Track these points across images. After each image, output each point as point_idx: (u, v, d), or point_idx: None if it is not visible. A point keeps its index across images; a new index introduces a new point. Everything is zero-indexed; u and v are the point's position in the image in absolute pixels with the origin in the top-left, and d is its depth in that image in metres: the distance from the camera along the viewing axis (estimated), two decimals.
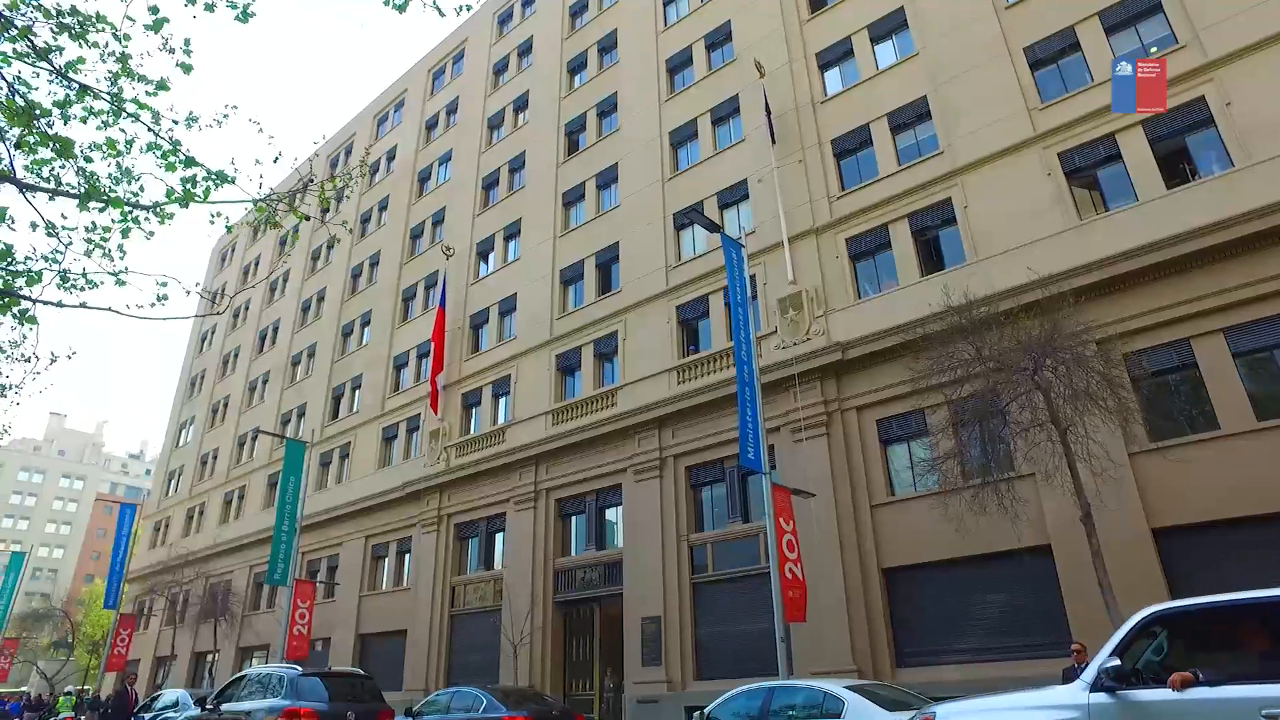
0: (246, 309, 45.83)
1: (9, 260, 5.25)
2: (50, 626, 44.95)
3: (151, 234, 6.14)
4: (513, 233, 28.65)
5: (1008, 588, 14.51)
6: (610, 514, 21.52)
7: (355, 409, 32.83)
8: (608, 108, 27.30)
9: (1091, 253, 14.67)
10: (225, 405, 43.48)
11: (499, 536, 24.13)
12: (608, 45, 28.73)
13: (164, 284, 6.42)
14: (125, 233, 5.68)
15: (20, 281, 5.35)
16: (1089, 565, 12.94)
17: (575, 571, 21.41)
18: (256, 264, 47.21)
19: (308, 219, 6.33)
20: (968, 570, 15.01)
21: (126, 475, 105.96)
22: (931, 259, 17.94)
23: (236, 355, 44.64)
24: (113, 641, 29.34)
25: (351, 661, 26.10)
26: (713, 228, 14.86)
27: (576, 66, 29.63)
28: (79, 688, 31.22)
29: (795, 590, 12.61)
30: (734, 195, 21.88)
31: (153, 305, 6.46)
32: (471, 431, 26.43)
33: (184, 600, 35.60)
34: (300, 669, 10.37)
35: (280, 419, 37.01)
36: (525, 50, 32.73)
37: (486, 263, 29.56)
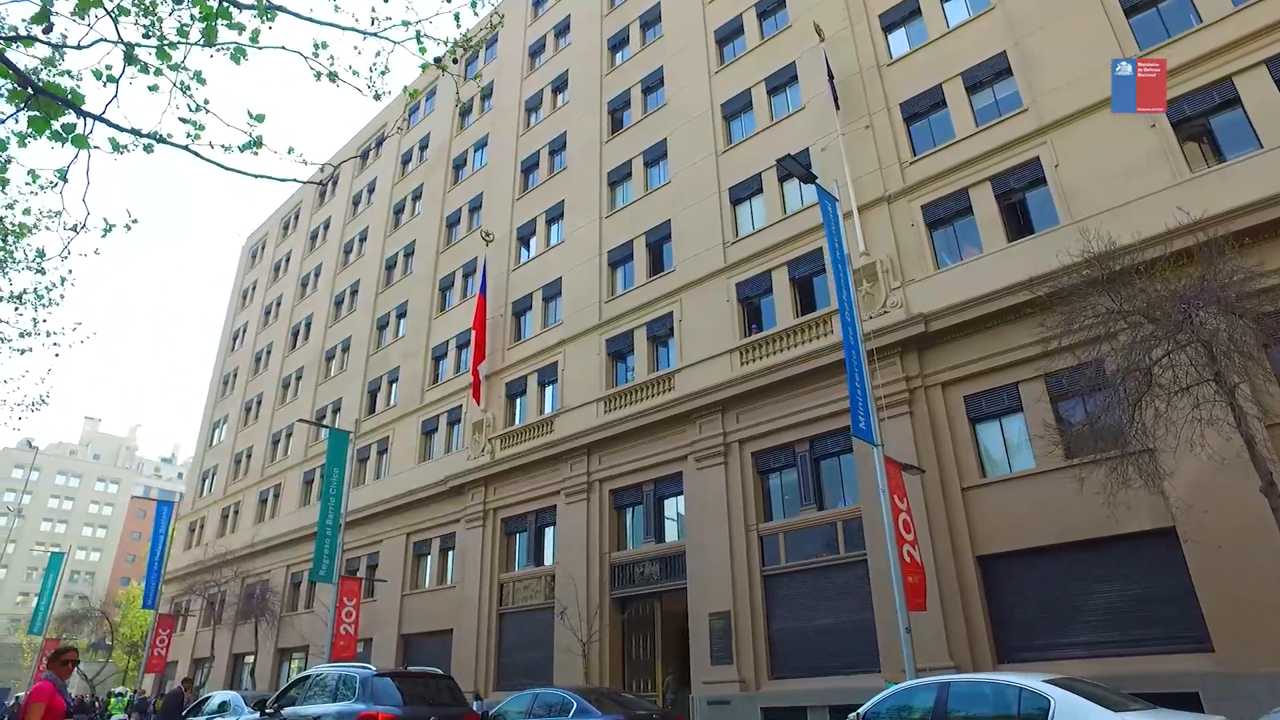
0: (278, 305, 45.28)
1: (46, 25, 4.10)
2: (89, 628, 44.64)
3: (242, 53, 4.99)
4: (555, 216, 27.62)
5: (1123, 575, 13.21)
6: (669, 504, 20.40)
7: (393, 402, 31.97)
8: (653, 83, 26.19)
9: (1208, 207, 13.31)
10: (258, 403, 42.91)
11: (549, 531, 23.09)
12: (650, 20, 27.63)
13: (259, 118, 5.26)
14: (210, 35, 4.54)
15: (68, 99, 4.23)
16: (1224, 547, 11.68)
17: (633, 565, 20.31)
18: (288, 260, 46.67)
19: (438, 62, 5.17)
20: (1075, 556, 13.74)
21: (159, 479, 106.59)
22: (1018, 223, 16.65)
23: (269, 352, 44.07)
24: (152, 642, 28.69)
25: (395, 663, 25.19)
26: (808, 178, 13.68)
27: (618, 43, 28.56)
28: (131, 689, 30.57)
29: (915, 575, 11.43)
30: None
31: (241, 151, 5.26)
32: (517, 422, 25.44)
33: (220, 601, 34.99)
34: (374, 668, 9.32)
35: (315, 415, 36.28)
36: (562, 30, 31.73)
37: (528, 248, 28.57)
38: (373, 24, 4.83)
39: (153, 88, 4.95)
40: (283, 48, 5.04)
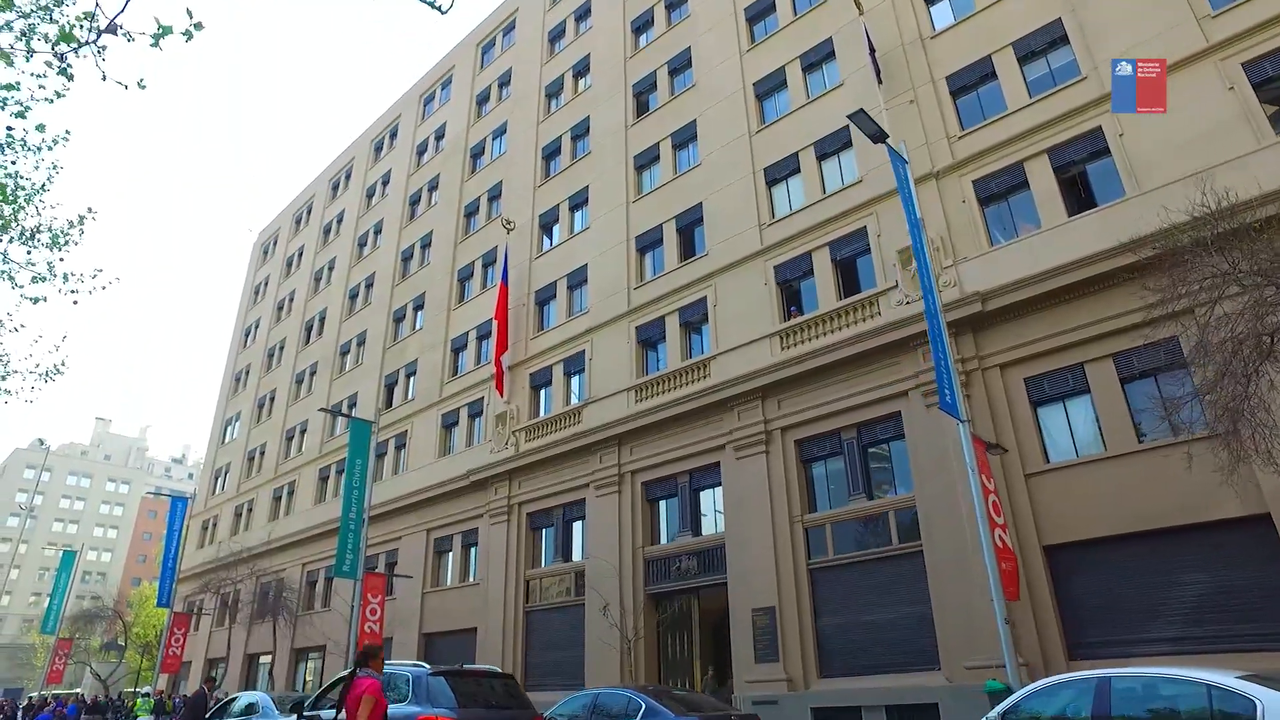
0: (291, 301, 44.66)
1: None
2: (101, 627, 44.03)
3: None
4: (579, 202, 26.83)
5: (1209, 565, 12.31)
6: (706, 496, 19.58)
7: (411, 396, 31.26)
8: (680, 64, 25.39)
9: None
10: (271, 400, 42.28)
11: (577, 525, 22.30)
12: (675, 1, 26.83)
13: None
14: None
15: None
16: None
17: (668, 560, 19.49)
18: (300, 254, 46.07)
19: None
20: (1153, 545, 12.85)
21: (169, 479, 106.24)
22: (1079, 197, 15.80)
23: (282, 348, 43.44)
24: (167, 641, 27.99)
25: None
26: (880, 136, 12.81)
27: (642, 25, 27.77)
28: (156, 688, 29.86)
29: (1008, 562, 10.60)
30: (834, 144, 19.87)
31: None
32: (542, 413, 24.66)
33: (234, 599, 34.30)
34: (427, 666, 8.49)
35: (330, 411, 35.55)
36: (583, 14, 30.96)
37: (550, 236, 27.79)
38: None
39: None
40: None
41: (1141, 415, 13.31)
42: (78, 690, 47.86)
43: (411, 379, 31.76)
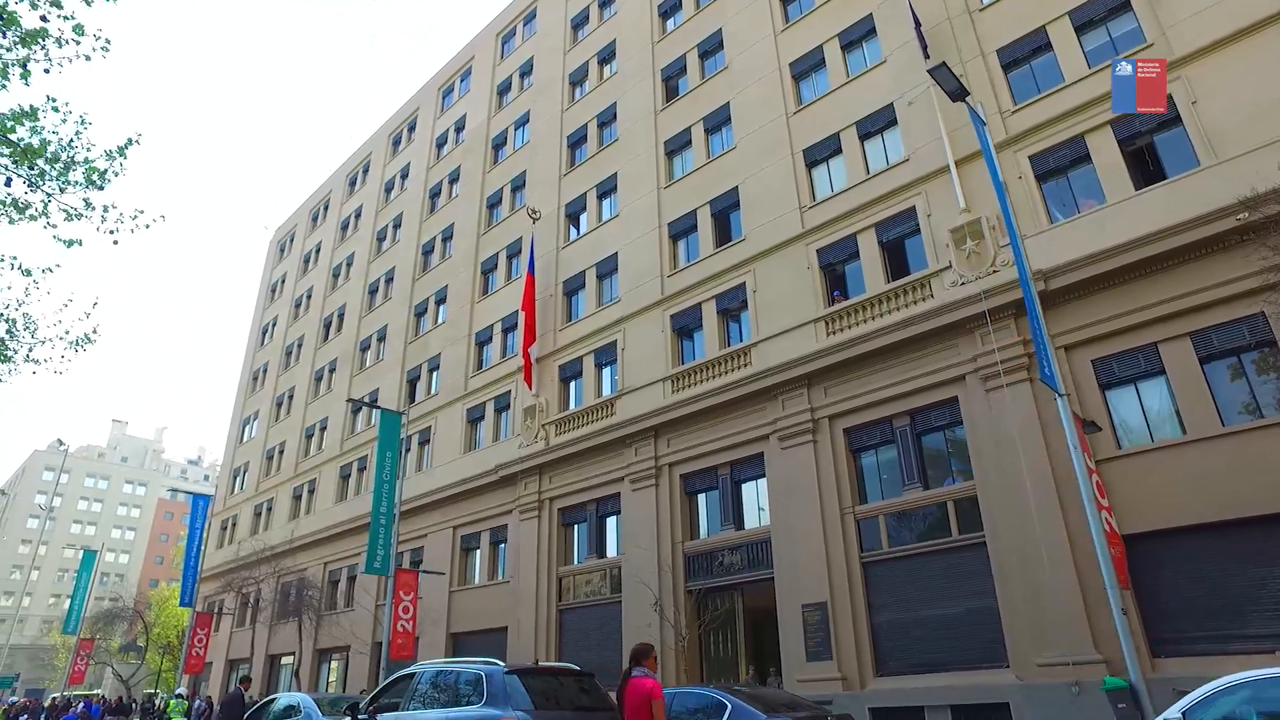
0: (309, 297, 44.22)
1: None
2: (122, 628, 43.67)
3: None
4: (607, 190, 26.18)
5: None
6: (748, 488, 18.88)
7: (434, 391, 30.68)
8: (711, 47, 24.71)
9: None
10: (290, 398, 41.83)
11: (611, 520, 21.65)
12: None
13: None
14: None
15: None
16: None
17: (710, 555, 18.81)
18: (317, 251, 45.65)
19: None
20: (1242, 535, 12.05)
21: (185, 480, 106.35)
22: (1147, 170, 15.02)
23: (300, 345, 43.00)
24: (190, 641, 27.49)
25: None
26: (960, 94, 12.13)
27: (669, 9, 27.10)
28: (188, 690, 29.43)
29: (1117, 547, 9.87)
30: (877, 123, 19.14)
31: None
32: (572, 406, 24.02)
33: (255, 600, 33.82)
34: (501, 664, 7.79)
35: (350, 408, 35.05)
36: (606, 1, 30.29)
37: (577, 225, 27.14)
38: None
39: None
40: None
41: (1227, 396, 12.53)
42: (98, 691, 47.61)
43: (435, 373, 31.19)
